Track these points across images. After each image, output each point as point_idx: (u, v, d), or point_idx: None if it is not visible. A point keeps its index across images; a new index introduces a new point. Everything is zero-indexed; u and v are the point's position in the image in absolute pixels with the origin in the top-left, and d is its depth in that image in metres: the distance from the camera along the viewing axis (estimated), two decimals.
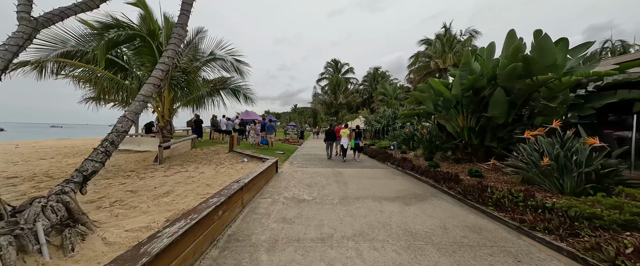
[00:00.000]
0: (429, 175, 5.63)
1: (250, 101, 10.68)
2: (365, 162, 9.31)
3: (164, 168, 6.44)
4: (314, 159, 9.90)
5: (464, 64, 5.62)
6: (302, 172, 6.90)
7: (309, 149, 14.32)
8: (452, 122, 6.19)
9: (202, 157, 8.38)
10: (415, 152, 9.06)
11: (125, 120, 3.72)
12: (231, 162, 7.70)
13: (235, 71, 9.04)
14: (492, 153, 5.95)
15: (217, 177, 5.43)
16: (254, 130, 11.98)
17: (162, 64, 4.53)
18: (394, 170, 7.35)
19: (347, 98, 39.00)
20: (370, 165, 8.40)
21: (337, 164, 8.60)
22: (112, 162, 7.78)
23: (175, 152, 8.26)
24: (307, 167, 7.97)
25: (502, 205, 3.43)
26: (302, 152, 12.69)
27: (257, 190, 4.64)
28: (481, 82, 5.29)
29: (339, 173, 6.89)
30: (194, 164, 7.13)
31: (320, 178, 6.08)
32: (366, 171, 7.23)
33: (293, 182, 5.70)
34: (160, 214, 3.13)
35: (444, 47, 23.30)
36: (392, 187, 5.26)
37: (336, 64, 43.96)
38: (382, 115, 15.61)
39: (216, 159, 8.12)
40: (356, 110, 41.63)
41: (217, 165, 6.96)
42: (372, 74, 43.54)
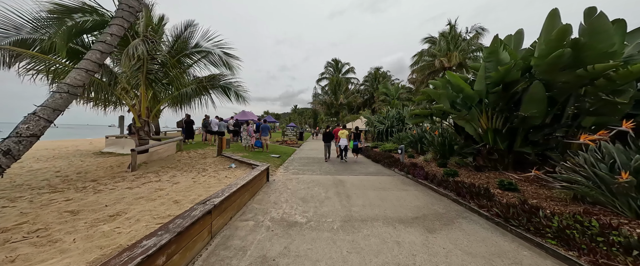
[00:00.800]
0: (449, 187, 4.66)
1: (243, 99, 9.72)
2: (369, 167, 8.34)
3: (135, 177, 5.48)
4: (312, 163, 8.94)
5: (490, 54, 4.67)
6: (297, 181, 5.94)
7: (308, 152, 13.35)
8: (474, 122, 5.23)
9: (186, 162, 7.42)
10: (425, 157, 8.09)
11: (35, 119, 2.77)
12: (217, 168, 6.74)
13: (224, 66, 8.08)
14: (524, 161, 5.00)
15: (192, 189, 4.47)
16: (246, 132, 11.01)
17: (102, 44, 3.57)
18: (404, 178, 6.38)
19: (348, 98, 38.05)
20: (375, 171, 7.44)
21: (337, 170, 7.64)
22: (80, 167, 6.83)
23: (154, 156, 7.30)
24: (304, 173, 7.00)
25: (569, 239, 2.46)
26: (300, 155, 11.73)
27: (237, 208, 3.68)
28: (513, 75, 4.33)
29: (340, 182, 5.93)
30: (172, 171, 6.17)
31: (318, 189, 5.11)
32: (371, 179, 6.26)
33: (285, 194, 4.73)
34: (83, 255, 2.16)
35: (449, 45, 22.36)
36: (406, 202, 4.29)
37: (337, 63, 43.05)
38: (386, 116, 14.65)
39: (201, 165, 7.15)
40: (357, 111, 40.69)
41: (198, 173, 5.99)
42: (373, 74, 42.61)
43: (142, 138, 6.84)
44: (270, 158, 8.98)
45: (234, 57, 8.09)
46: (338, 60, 42.88)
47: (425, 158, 8.01)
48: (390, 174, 7.01)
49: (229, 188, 3.59)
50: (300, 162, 9.25)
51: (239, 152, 10.28)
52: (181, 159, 7.82)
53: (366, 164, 9.05)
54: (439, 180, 5.11)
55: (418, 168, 6.66)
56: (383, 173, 7.12)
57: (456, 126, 6.14)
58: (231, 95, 9.24)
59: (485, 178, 5.06)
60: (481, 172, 5.51)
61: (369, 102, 42.07)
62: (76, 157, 9.08)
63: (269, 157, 9.47)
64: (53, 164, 7.53)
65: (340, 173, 7.10)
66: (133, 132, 6.96)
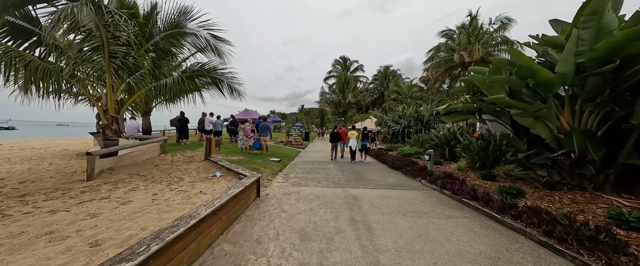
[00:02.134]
0: (522, 217, 3.07)
1: (238, 94, 8.34)
2: (387, 175, 6.78)
3: (81, 191, 4.15)
4: (317, 170, 7.46)
5: (591, 16, 3.03)
6: (297, 196, 4.48)
7: (313, 154, 11.89)
8: (550, 120, 3.61)
9: (163, 169, 6.09)
10: (458, 164, 6.46)
11: None
12: (196, 177, 5.36)
13: (212, 51, 6.74)
14: (627, 177, 3.36)
15: (139, 216, 3.07)
16: (242, 131, 9.65)
17: None
18: (438, 195, 4.80)
19: (356, 97, 36.35)
20: (396, 183, 5.88)
21: (348, 179, 6.12)
22: (37, 173, 5.61)
23: (126, 160, 6.01)
24: (307, 183, 5.54)
25: None
26: (304, 158, 10.28)
27: (192, 257, 2.25)
28: (635, 46, 2.71)
29: (354, 199, 4.43)
30: (137, 182, 4.83)
31: (324, 213, 3.63)
32: (395, 195, 4.72)
33: (277, 222, 3.28)
34: None
35: (470, 38, 20.38)
36: (463, 243, 2.75)
37: (345, 61, 41.43)
38: (402, 115, 12.99)
39: (180, 172, 5.80)
40: (366, 110, 38.93)
41: (169, 185, 4.62)
42: (382, 73, 40.74)
43: (109, 139, 5.56)
44: (268, 163, 7.57)
45: (224, 41, 6.71)
46: (346, 58, 41.26)
47: (459, 167, 6.38)
48: (417, 187, 5.44)
49: (187, 221, 2.17)
50: (303, 168, 7.79)
51: (234, 154, 8.93)
52: (160, 164, 6.50)
53: (382, 171, 7.48)
54: (499, 202, 3.52)
55: (456, 180, 5.06)
56: (407, 186, 5.55)
57: (515, 126, 4.52)
58: (224, 89, 7.87)
59: (571, 202, 3.44)
60: (556, 190, 3.88)
61: (378, 101, 40.25)
62: (54, 159, 7.96)
63: (267, 161, 8.06)
64: (13, 167, 6.38)
65: (353, 184, 5.58)
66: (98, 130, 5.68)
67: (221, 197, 3.03)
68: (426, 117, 11.88)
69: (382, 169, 8.00)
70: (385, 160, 9.07)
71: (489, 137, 5.90)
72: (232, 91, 8.13)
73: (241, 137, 9.74)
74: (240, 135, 9.83)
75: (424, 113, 12.02)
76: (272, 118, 39.84)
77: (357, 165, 8.74)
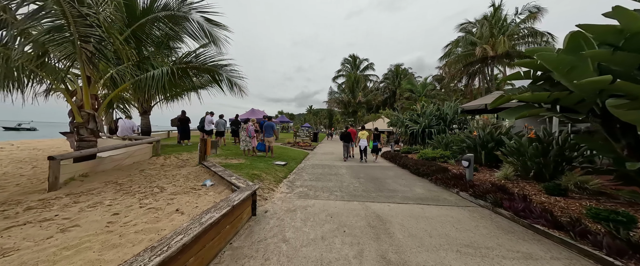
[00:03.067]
0: None
1: (239, 89, 7.40)
2: (412, 183, 5.60)
3: (28, 206, 3.27)
4: (328, 176, 6.38)
5: None
6: (304, 216, 3.42)
7: (322, 157, 10.82)
8: None
9: (148, 174, 5.20)
10: (505, 172, 5.20)
11: None
12: (184, 186, 4.41)
13: (206, 37, 5.81)
14: None
15: (72, 256, 2.10)
16: (245, 132, 8.72)
17: None
18: (490, 213, 3.60)
19: (367, 96, 34.98)
20: (427, 194, 4.70)
21: (366, 188, 5.00)
22: (8, 180, 4.85)
23: (107, 165, 5.16)
24: (316, 196, 4.47)
25: None
26: (313, 161, 9.23)
27: None
28: None
29: (378, 219, 3.32)
30: (107, 193, 3.91)
31: (341, 245, 2.55)
32: (433, 213, 3.57)
33: (274, 260, 2.23)
34: None
35: (492, 30, 18.70)
36: None
37: (354, 59, 40.14)
38: (421, 113, 11.68)
39: (166, 179, 4.88)
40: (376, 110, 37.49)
41: (143, 198, 3.67)
42: (394, 71, 39.19)
43: (85, 140, 4.72)
44: (271, 168, 6.56)
45: (220, 26, 5.76)
46: (356, 56, 39.96)
47: (505, 175, 5.11)
48: (457, 202, 4.24)
49: None
50: (312, 173, 6.73)
51: (235, 157, 8.00)
52: (147, 169, 5.62)
53: (405, 178, 6.30)
54: (607, 237, 2.32)
55: (513, 195, 3.84)
56: (444, 200, 4.37)
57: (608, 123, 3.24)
58: (223, 83, 6.95)
59: None
60: None
61: (389, 101, 38.69)
62: (45, 161, 7.33)
63: (270, 165, 7.06)
64: None
65: (373, 197, 4.46)
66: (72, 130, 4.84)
67: (189, 229, 2.01)
68: (450, 116, 10.54)
69: (404, 175, 6.81)
70: (406, 164, 7.86)
71: (548, 138, 4.61)
72: (232, 86, 7.19)
73: (243, 137, 8.82)
74: (242, 135, 8.91)
75: (447, 111, 10.68)
76: (280, 119, 39.12)
77: (374, 170, 7.60)
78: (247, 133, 8.72)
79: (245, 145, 8.75)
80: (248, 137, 8.75)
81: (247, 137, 8.74)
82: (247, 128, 8.73)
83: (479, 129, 7.04)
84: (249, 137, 8.73)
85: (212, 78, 6.77)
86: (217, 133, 11.12)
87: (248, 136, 8.73)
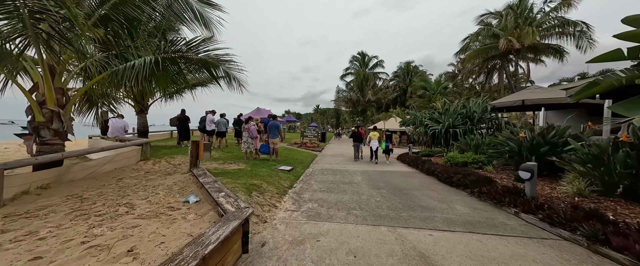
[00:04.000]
0: None
1: (238, 83, 6.46)
2: (451, 199, 4.47)
3: None
4: (342, 184, 5.32)
5: None
6: (315, 255, 2.39)
7: (332, 159, 9.76)
8: None
9: (124, 185, 4.29)
10: (576, 185, 3.99)
11: None
12: (161, 202, 3.46)
13: (196, 20, 4.86)
14: None
15: None
16: (247, 132, 7.77)
17: None
18: (588, 254, 2.46)
19: (377, 95, 33.60)
20: (475, 215, 3.57)
21: (393, 206, 3.91)
22: None
23: (78, 173, 4.29)
24: (330, 216, 3.43)
25: None
26: (322, 165, 8.18)
27: None
28: None
29: (422, 259, 2.24)
30: (56, 216, 2.99)
31: None
32: (501, 251, 2.46)
33: None
34: None
35: (518, 20, 17.06)
36: None
37: (363, 57, 38.78)
38: (443, 111, 10.41)
39: (144, 192, 3.96)
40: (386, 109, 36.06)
41: (96, 225, 2.72)
42: (404, 68, 37.66)
43: (47, 143, 3.86)
44: (275, 174, 5.56)
45: (212, 5, 4.79)
46: (365, 53, 38.60)
47: (578, 190, 3.90)
48: (526, 232, 3.09)
49: None
50: (322, 181, 5.68)
51: (235, 161, 7.05)
52: (127, 178, 4.72)
53: (436, 188, 5.14)
54: None
55: (628, 229, 2.67)
56: (502, 226, 3.22)
57: None
58: (219, 75, 6.01)
59: None
60: None
61: (400, 99, 37.17)
62: None
63: (274, 170, 6.07)
64: None
65: (404, 218, 3.37)
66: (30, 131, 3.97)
67: None
68: (478, 114, 9.26)
69: (432, 185, 5.66)
70: (432, 170, 6.70)
71: None
72: (230, 79, 6.23)
73: (245, 139, 7.88)
74: (244, 136, 7.98)
75: (474, 108, 9.39)
76: (286, 118, 38.24)
77: (393, 176, 6.48)
78: (248, 134, 7.78)
79: (247, 147, 7.80)
80: (250, 138, 7.80)
81: (248, 138, 7.79)
82: (248, 128, 7.79)
83: (526, 129, 5.80)
84: (250, 138, 7.79)
85: (207, 71, 5.83)
86: (218, 134, 10.26)
87: (250, 137, 7.78)
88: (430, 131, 9.84)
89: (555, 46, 17.62)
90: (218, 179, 4.50)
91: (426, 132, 10.16)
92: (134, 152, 5.85)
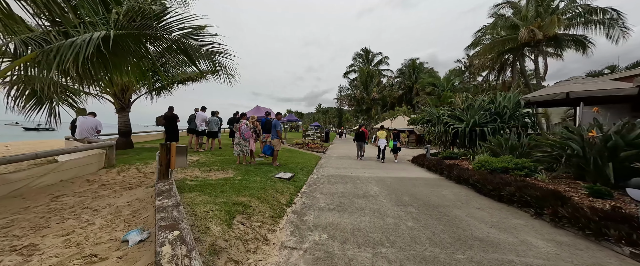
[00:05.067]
0: None
1: (226, 72, 5.25)
2: (513, 224, 3.20)
3: None
4: (356, 198, 4.05)
5: None
6: None
7: (339, 163, 8.50)
8: None
9: (59, 206, 3.10)
10: None
11: None
12: (81, 246, 2.24)
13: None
14: None
15: None
16: (239, 132, 6.56)
17: None
18: None
19: (382, 92, 32.23)
20: (569, 259, 2.31)
21: (434, 237, 2.63)
22: None
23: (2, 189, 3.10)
24: (349, 261, 2.18)
25: None
26: (328, 170, 6.92)
27: None
28: None
29: None
30: None
31: None
32: None
33: None
34: None
35: (539, 9, 15.62)
36: None
37: (367, 53, 37.44)
38: (466, 107, 9.09)
39: (75, 220, 2.76)
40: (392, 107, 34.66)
41: None
42: (410, 65, 36.23)
43: None
44: (271, 185, 4.31)
45: None
46: (368, 50, 37.28)
47: None
48: None
49: None
50: (330, 194, 4.40)
51: (223, 167, 5.83)
52: (69, 194, 3.52)
53: (475, 203, 3.85)
54: None
55: None
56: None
57: None
58: (201, 62, 4.78)
59: None
60: None
61: (406, 97, 35.78)
62: None
63: (270, 179, 4.83)
64: None
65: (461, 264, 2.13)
66: None
67: None
68: (510, 110, 7.94)
69: (473, 199, 4.38)
70: (465, 178, 5.42)
71: None
72: (215, 66, 5.00)
73: (237, 140, 6.66)
74: (236, 137, 6.75)
75: (504, 103, 8.07)
76: (288, 118, 36.96)
77: (417, 186, 5.18)
78: (241, 135, 6.56)
79: (239, 149, 6.58)
80: (243, 140, 6.58)
81: (241, 139, 6.57)
82: (239, 128, 6.56)
83: (594, 127, 4.49)
84: (243, 139, 6.57)
85: (183, 54, 4.60)
86: (209, 134, 9.06)
87: (243, 138, 6.56)
88: (451, 130, 8.53)
89: (579, 37, 16.18)
90: (190, 197, 3.27)
91: (446, 131, 8.85)
92: (93, 158, 4.65)
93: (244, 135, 6.46)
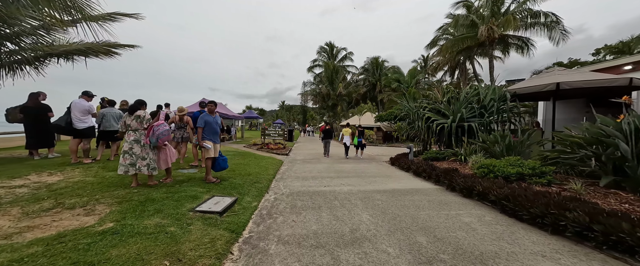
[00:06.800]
0: None
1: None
2: None
3: None
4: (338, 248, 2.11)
5: None
6: None
7: (306, 169, 6.46)
8: None
9: None
10: None
11: None
12: None
13: None
14: None
15: None
16: (146, 133, 3.96)
17: None
18: None
19: (347, 88, 31.28)
20: None
21: None
22: None
23: None
24: None
25: None
26: (292, 184, 4.74)
27: None
28: None
29: None
30: None
31: None
32: None
33: None
34: None
35: (494, 8, 16.15)
36: None
37: (331, 48, 36.14)
38: (448, 100, 8.04)
39: None
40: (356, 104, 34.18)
41: None
42: (373, 63, 36.27)
43: None
44: (170, 239, 1.99)
45: None
46: (333, 44, 36.04)
47: None
48: None
49: None
50: (296, 240, 2.22)
51: (94, 197, 3.21)
52: None
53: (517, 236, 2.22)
54: None
55: None
56: None
57: None
58: None
59: None
60: None
61: (369, 94, 35.74)
62: None
63: (183, 215, 2.47)
64: None
65: None
66: None
67: None
68: (496, 103, 7.06)
69: (517, 232, 2.85)
70: (481, 193, 3.98)
71: None
72: None
73: (129, 146, 4.00)
74: (128, 142, 4.06)
75: (490, 96, 7.16)
76: (247, 114, 33.21)
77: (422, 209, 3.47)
78: (147, 138, 3.95)
79: (133, 161, 3.95)
80: (148, 147, 3.98)
81: (146, 144, 3.96)
82: (150, 127, 3.97)
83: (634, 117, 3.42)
84: (151, 145, 3.97)
85: None
86: (103, 136, 6.00)
87: (150, 144, 3.96)
88: (436, 126, 7.32)
89: (524, 38, 17.42)
90: None
91: (430, 127, 7.63)
92: None
93: (156, 138, 3.87)
